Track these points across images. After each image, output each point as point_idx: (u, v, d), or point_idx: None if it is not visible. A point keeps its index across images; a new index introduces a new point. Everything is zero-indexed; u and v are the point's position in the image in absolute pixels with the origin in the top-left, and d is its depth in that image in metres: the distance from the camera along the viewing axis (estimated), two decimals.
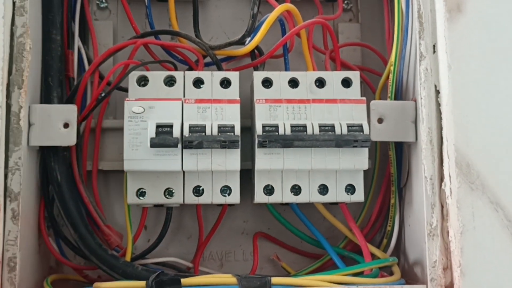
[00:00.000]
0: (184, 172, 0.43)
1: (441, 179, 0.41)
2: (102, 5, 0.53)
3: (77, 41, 0.49)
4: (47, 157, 0.45)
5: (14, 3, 0.42)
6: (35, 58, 0.44)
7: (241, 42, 0.48)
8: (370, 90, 0.51)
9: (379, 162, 0.48)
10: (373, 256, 0.45)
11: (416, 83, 0.44)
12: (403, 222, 0.47)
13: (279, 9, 0.45)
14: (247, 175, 0.46)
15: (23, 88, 0.41)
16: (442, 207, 0.41)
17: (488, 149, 0.39)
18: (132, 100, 0.43)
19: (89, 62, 0.49)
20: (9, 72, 0.41)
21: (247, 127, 0.47)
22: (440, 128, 0.41)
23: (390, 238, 0.47)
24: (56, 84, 0.46)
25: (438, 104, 0.42)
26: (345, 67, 0.51)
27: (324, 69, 0.50)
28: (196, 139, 0.42)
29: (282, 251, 0.50)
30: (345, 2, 0.53)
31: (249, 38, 0.47)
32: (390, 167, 0.46)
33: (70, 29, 0.49)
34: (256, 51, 0.49)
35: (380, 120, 0.44)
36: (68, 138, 0.43)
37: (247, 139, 0.46)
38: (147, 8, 0.49)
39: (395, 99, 0.46)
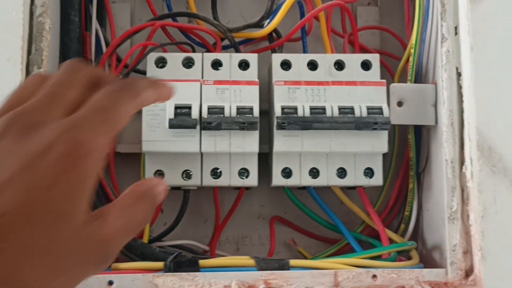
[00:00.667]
0: (202, 154, 0.43)
1: (462, 162, 0.41)
2: None
3: (95, 24, 0.49)
4: None
5: None
6: (54, 39, 0.44)
7: (259, 24, 0.47)
8: (389, 74, 0.50)
9: (397, 147, 0.47)
10: (391, 241, 0.45)
11: (437, 66, 0.43)
12: (421, 207, 0.46)
13: None
14: (264, 159, 0.46)
15: (43, 67, 0.41)
16: (463, 191, 0.40)
17: (511, 131, 0.39)
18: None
19: (107, 44, 0.49)
20: (29, 52, 0.41)
21: (265, 111, 0.46)
22: (461, 111, 0.41)
23: (408, 223, 0.46)
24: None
25: (460, 87, 0.41)
26: (364, 50, 0.51)
27: (342, 52, 0.49)
28: (214, 120, 0.41)
29: (298, 235, 0.50)
30: None
31: (267, 21, 0.47)
32: (409, 151, 0.46)
33: (88, 11, 0.49)
34: (274, 34, 0.49)
35: (400, 103, 0.44)
36: None
37: (264, 123, 0.46)
38: None
39: (415, 82, 0.45)
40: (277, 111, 0.42)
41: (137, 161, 0.48)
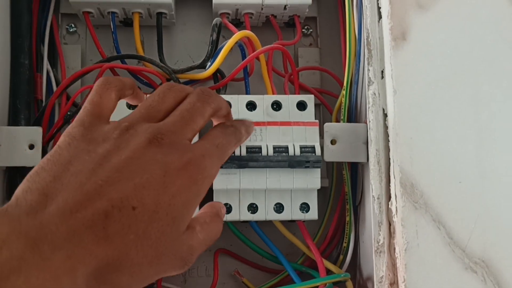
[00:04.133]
0: None
1: (389, 198, 0.43)
2: (71, 30, 0.55)
3: (46, 64, 0.51)
4: (13, 176, 0.47)
5: None
6: (3, 81, 0.46)
7: (202, 66, 0.50)
8: (328, 112, 0.53)
9: (336, 181, 0.50)
10: (329, 272, 0.47)
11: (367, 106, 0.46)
12: (358, 239, 0.49)
13: (237, 35, 0.47)
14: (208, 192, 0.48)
15: None
16: (390, 224, 0.43)
17: (431, 170, 0.41)
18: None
19: (58, 84, 0.51)
20: None
21: None
22: (387, 150, 0.43)
23: (346, 254, 0.49)
24: (23, 107, 0.48)
25: (386, 127, 0.44)
26: (304, 89, 0.53)
27: (283, 91, 0.52)
28: None
29: (243, 267, 0.52)
30: (305, 27, 0.56)
31: (209, 63, 0.49)
32: (345, 186, 0.48)
33: (39, 52, 0.51)
34: (218, 74, 0.51)
35: (333, 142, 0.46)
36: (33, 158, 0.45)
37: None
38: (112, 33, 0.51)
39: (349, 121, 0.48)
40: None
41: None
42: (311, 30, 0.56)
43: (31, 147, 0.45)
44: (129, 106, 0.47)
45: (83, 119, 0.34)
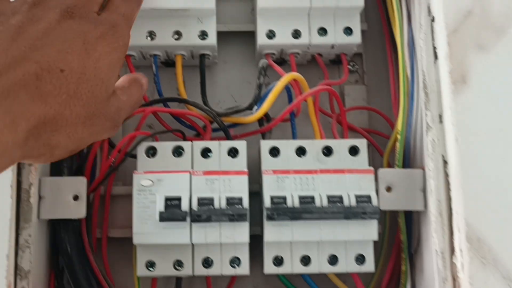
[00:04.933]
0: (193, 244, 0.43)
1: (452, 250, 0.41)
2: None
3: None
4: (57, 228, 0.45)
5: None
6: None
7: (249, 108, 0.48)
8: (377, 153, 0.51)
9: (388, 228, 0.48)
10: None
11: (424, 152, 0.44)
12: None
13: (285, 78, 0.45)
14: (257, 240, 0.46)
15: (34, 164, 0.42)
16: (454, 279, 0.40)
17: (500, 223, 0.39)
18: (140, 173, 0.43)
19: None
20: None
21: (255, 192, 0.47)
22: (449, 199, 0.41)
23: None
24: None
25: (446, 175, 0.42)
26: (352, 130, 0.51)
27: (331, 132, 0.50)
28: (204, 213, 0.42)
29: None
30: (350, 63, 0.54)
31: (256, 107, 0.47)
32: (400, 234, 0.46)
33: None
34: (263, 116, 0.50)
35: (388, 189, 0.44)
36: (78, 210, 0.44)
37: (256, 203, 0.46)
38: (155, 76, 0.50)
39: (403, 166, 0.46)
40: (267, 202, 0.42)
41: (129, 245, 0.48)
42: (357, 66, 0.54)
43: (76, 198, 0.44)
44: (174, 152, 0.45)
45: None
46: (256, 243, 0.45)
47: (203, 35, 0.48)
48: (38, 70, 0.30)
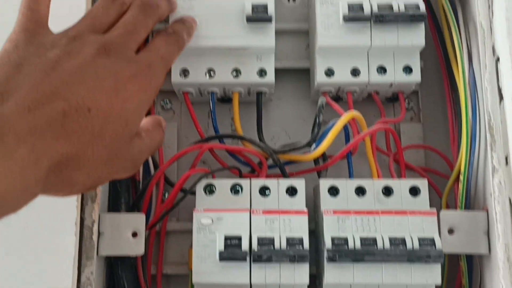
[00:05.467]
0: (251, 284, 0.43)
1: None
2: (166, 106, 0.54)
3: None
4: (115, 265, 0.45)
5: None
6: None
7: (307, 146, 0.48)
8: (434, 192, 0.50)
9: (447, 272, 0.46)
10: None
11: (487, 193, 0.43)
12: None
13: (345, 118, 0.45)
14: (312, 279, 0.45)
15: (96, 201, 0.42)
16: None
17: None
18: (200, 211, 0.43)
19: (154, 163, 0.50)
20: None
21: (311, 231, 0.46)
22: None
23: None
24: (123, 190, 0.47)
25: None
26: (409, 169, 0.51)
27: (388, 170, 0.49)
28: (265, 253, 0.41)
29: None
30: (406, 101, 0.53)
31: (314, 145, 0.47)
32: (462, 278, 0.45)
33: None
34: None
35: (450, 231, 0.43)
36: (137, 247, 0.44)
37: (311, 242, 0.46)
38: (211, 112, 0.50)
39: (465, 208, 0.45)
40: (328, 243, 0.42)
41: (183, 282, 0.48)
42: (412, 104, 0.54)
43: (134, 234, 0.44)
44: (232, 189, 0.45)
45: (26, 25, 0.35)
46: (310, 283, 0.45)
47: (262, 72, 0.48)
48: (66, 108, 0.31)
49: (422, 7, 0.46)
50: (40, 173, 0.29)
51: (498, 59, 0.43)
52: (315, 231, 0.47)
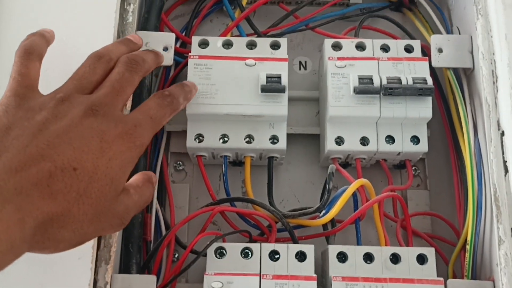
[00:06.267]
0: None
1: None
2: (179, 167, 0.56)
3: (155, 204, 0.51)
4: None
5: None
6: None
7: (316, 212, 0.49)
8: (441, 259, 0.51)
9: None
10: None
11: (493, 264, 0.43)
12: None
13: (355, 185, 0.46)
14: None
15: (110, 263, 0.43)
16: None
17: None
18: (211, 275, 0.44)
19: (165, 224, 0.51)
20: (98, 247, 0.43)
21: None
22: None
23: None
24: (135, 251, 0.48)
25: None
26: (416, 235, 0.51)
27: (395, 236, 0.50)
28: None
29: None
30: (413, 168, 0.55)
31: (323, 211, 0.48)
32: None
33: None
34: None
35: None
36: None
37: None
38: (223, 175, 0.51)
39: (471, 277, 0.45)
40: None
41: None
42: (419, 171, 0.55)
43: None
44: (242, 252, 0.46)
45: (17, 90, 0.37)
46: None
47: (274, 139, 0.50)
48: (52, 169, 0.32)
49: (430, 81, 0.48)
50: (26, 231, 0.30)
51: (503, 133, 0.45)
52: None
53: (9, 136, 0.33)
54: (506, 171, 0.44)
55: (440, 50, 0.51)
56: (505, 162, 0.44)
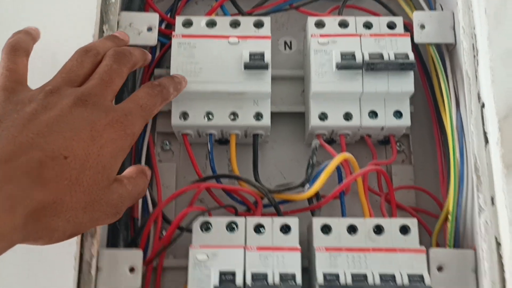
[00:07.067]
0: None
1: None
2: (166, 147, 0.56)
3: None
4: None
5: None
6: None
7: (300, 187, 0.50)
8: (425, 232, 0.51)
9: None
10: None
11: (475, 232, 0.44)
12: None
13: (338, 159, 0.47)
14: None
15: (96, 237, 0.44)
16: None
17: None
18: (196, 247, 0.45)
19: (152, 201, 0.52)
20: None
21: (304, 268, 0.47)
22: (503, 281, 0.41)
23: None
24: (123, 227, 0.49)
25: (500, 256, 0.42)
26: (401, 209, 0.52)
27: (379, 210, 0.51)
28: None
29: None
30: (397, 144, 0.55)
31: (307, 185, 0.49)
32: None
33: None
34: None
35: (440, 269, 0.45)
36: (134, 282, 0.45)
37: (304, 281, 0.46)
38: (209, 153, 0.52)
39: (454, 247, 0.46)
40: (319, 279, 0.43)
41: None
42: (404, 147, 0.56)
43: (131, 270, 0.45)
44: (227, 227, 0.46)
45: (5, 84, 0.38)
46: None
47: (258, 116, 0.50)
48: (42, 157, 0.32)
49: (411, 56, 0.49)
50: (16, 220, 0.30)
51: (483, 105, 0.45)
52: (308, 269, 0.48)
53: (1, 126, 0.34)
54: (486, 141, 0.44)
55: (422, 26, 0.52)
56: (485, 133, 0.45)
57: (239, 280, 0.43)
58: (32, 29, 0.44)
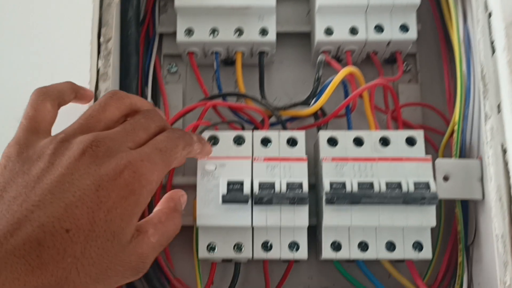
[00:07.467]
0: (253, 228, 0.45)
1: None
2: (172, 70, 0.56)
3: None
4: None
5: (98, 70, 0.46)
6: None
7: (306, 103, 0.50)
8: (432, 149, 0.52)
9: (444, 220, 0.48)
10: None
11: (481, 142, 0.44)
12: (471, 281, 0.46)
13: (343, 72, 0.47)
14: (311, 232, 0.47)
15: None
16: None
17: None
18: (204, 159, 0.45)
19: None
20: None
21: (311, 185, 0.48)
22: (509, 187, 0.42)
23: None
24: None
25: (506, 163, 0.42)
26: (407, 126, 0.52)
27: (385, 127, 0.51)
28: (266, 196, 0.43)
29: None
30: (405, 63, 0.55)
31: (313, 100, 0.49)
32: (457, 224, 0.46)
33: (143, 93, 0.52)
34: (319, 111, 0.51)
35: (445, 178, 0.45)
36: None
37: (311, 197, 0.47)
38: (215, 72, 0.52)
39: (460, 157, 0.46)
40: (326, 187, 0.44)
41: (189, 234, 0.50)
42: (410, 66, 0.56)
43: None
44: (235, 141, 0.47)
45: (19, 136, 0.34)
46: (310, 233, 0.46)
47: (263, 31, 0.50)
48: (40, 235, 0.28)
49: None
50: None
51: (490, 14, 0.45)
52: (315, 183, 0.49)
53: (3, 200, 0.30)
54: (493, 51, 0.44)
55: None
56: (492, 42, 0.44)
57: (246, 189, 0.44)
58: (78, 87, 0.40)
